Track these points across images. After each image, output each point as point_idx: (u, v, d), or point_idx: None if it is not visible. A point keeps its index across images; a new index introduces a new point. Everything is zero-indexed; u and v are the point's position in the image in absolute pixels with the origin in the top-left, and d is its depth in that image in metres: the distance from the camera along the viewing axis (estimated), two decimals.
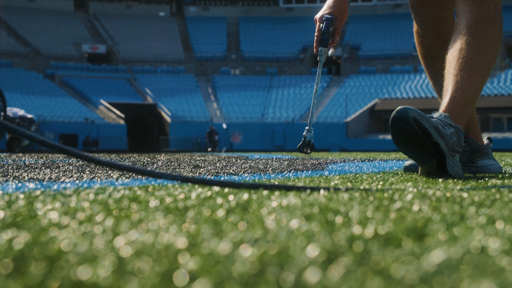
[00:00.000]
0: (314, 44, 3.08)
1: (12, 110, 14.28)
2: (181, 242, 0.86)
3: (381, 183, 2.26)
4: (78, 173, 2.81)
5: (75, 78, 49.10)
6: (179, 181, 2.01)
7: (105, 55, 55.83)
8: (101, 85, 48.45)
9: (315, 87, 3.11)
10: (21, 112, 14.49)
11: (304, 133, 3.02)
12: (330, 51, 3.12)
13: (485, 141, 3.17)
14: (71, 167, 3.45)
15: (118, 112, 42.52)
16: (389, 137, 3.21)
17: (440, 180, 2.45)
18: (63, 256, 0.77)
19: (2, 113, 13.27)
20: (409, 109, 2.49)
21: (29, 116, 14.67)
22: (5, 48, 49.89)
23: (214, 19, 62.40)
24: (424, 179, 2.48)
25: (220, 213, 1.20)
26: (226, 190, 1.76)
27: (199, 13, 63.20)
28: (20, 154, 9.47)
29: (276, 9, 62.51)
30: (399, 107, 2.55)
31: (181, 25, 61.79)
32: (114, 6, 61.79)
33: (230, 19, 62.96)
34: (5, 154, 9.67)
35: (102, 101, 44.56)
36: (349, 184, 2.19)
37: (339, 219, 1.11)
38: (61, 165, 3.89)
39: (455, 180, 2.43)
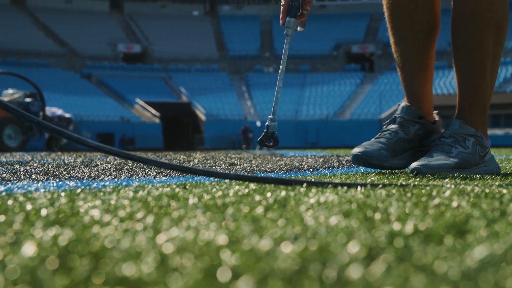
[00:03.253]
0: (281, 14, 2.70)
1: (50, 110, 14.48)
2: (222, 239, 0.87)
3: (417, 179, 2.24)
4: (116, 171, 2.84)
5: (111, 78, 49.56)
6: (217, 178, 2.02)
7: (140, 54, 56.27)
8: (136, 84, 48.83)
9: (280, 66, 2.67)
10: (59, 111, 14.68)
11: (266, 123, 2.68)
12: (299, 28, 2.75)
13: (436, 117, 3.01)
14: (109, 165, 3.48)
15: (153, 111, 42.81)
16: None
17: (477, 176, 2.43)
18: (107, 252, 0.78)
19: (42, 113, 13.47)
20: (356, 160, 2.75)
21: (67, 115, 14.86)
22: (43, 49, 50.57)
23: (247, 18, 62.47)
24: (461, 175, 2.45)
25: (259, 210, 1.21)
26: (264, 187, 1.76)
27: (232, 11, 63.33)
28: (59, 153, 9.60)
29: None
30: (351, 154, 2.74)
31: (214, 24, 61.99)
32: (148, 6, 62.23)
33: (263, 17, 62.98)
34: (44, 153, 9.80)
35: (137, 100, 44.91)
36: (385, 180, 2.18)
37: (378, 216, 1.11)
38: (99, 163, 3.93)
39: (493, 176, 2.40)
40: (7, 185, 2.08)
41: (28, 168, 3.38)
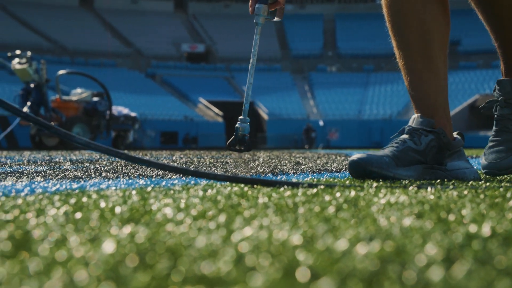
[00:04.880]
0: (250, 2, 2.49)
1: (117, 109, 14.75)
2: (296, 238, 0.87)
3: (488, 181, 2.19)
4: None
5: (175, 77, 50.13)
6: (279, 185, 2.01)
7: (204, 54, 56.75)
8: (199, 84, 49.26)
9: (250, 60, 2.44)
10: (125, 110, 14.95)
11: (236, 125, 2.36)
12: (276, 18, 2.52)
13: (456, 136, 2.53)
14: (175, 164, 3.53)
15: (216, 110, 43.13)
16: (490, 133, 2.62)
17: None
18: (184, 251, 0.79)
19: (108, 112, 13.73)
20: (352, 168, 2.31)
21: (133, 114, 15.11)
22: (109, 50, 51.56)
23: (310, 17, 62.29)
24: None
25: (330, 210, 1.21)
26: (332, 187, 1.76)
27: (295, 11, 63.24)
28: (125, 151, 9.76)
29: (373, 5, 61.74)
30: (349, 161, 2.35)
31: (277, 23, 61.98)
32: (212, 6, 62.76)
33: (326, 16, 62.69)
34: None
35: (201, 99, 45.31)
36: (454, 181, 2.14)
37: (451, 217, 1.09)
38: (165, 162, 3.98)
39: None
40: (80, 182, 2.13)
41: (97, 166, 3.46)
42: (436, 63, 2.48)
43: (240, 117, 2.32)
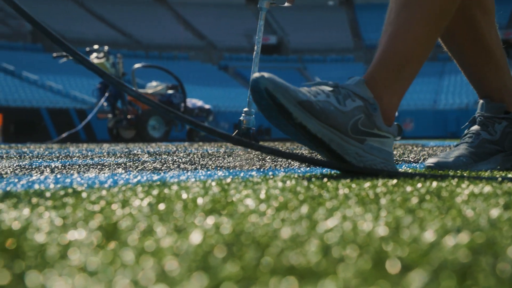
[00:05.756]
0: None
1: (191, 101, 14.92)
2: (382, 229, 0.86)
3: None
4: (260, 161, 2.88)
5: (248, 69, 50.32)
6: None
7: (276, 45, 56.76)
8: None
9: (255, 47, 2.23)
10: (199, 103, 15.10)
11: (241, 118, 2.15)
12: (286, 4, 2.35)
13: None
14: (251, 156, 3.54)
15: None
16: None
17: None
18: (270, 241, 0.79)
19: (183, 104, 13.92)
20: (262, 79, 1.86)
21: (207, 106, 15.26)
22: (183, 43, 52.20)
23: (383, 6, 61.22)
24: None
25: (414, 200, 1.19)
26: (413, 178, 1.73)
27: (368, 0, 62.50)
28: (200, 143, 9.87)
29: None
30: (254, 75, 1.92)
31: (349, 13, 61.47)
32: None
33: None
34: (187, 143, 10.13)
35: None
36: None
37: None
38: (241, 153, 4.01)
39: None
40: (160, 174, 2.16)
41: (175, 158, 3.51)
42: (487, 40, 2.38)
43: (245, 109, 2.15)
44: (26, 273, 0.63)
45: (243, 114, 2.15)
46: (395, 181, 1.63)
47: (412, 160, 3.11)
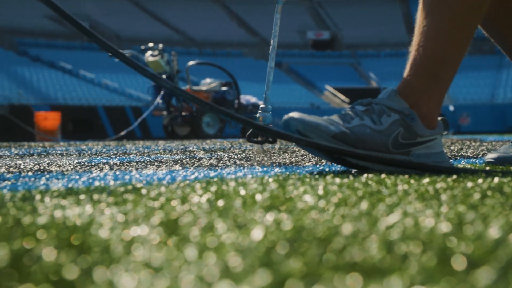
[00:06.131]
0: None
1: (245, 98, 14.97)
2: (444, 226, 0.85)
3: None
4: (316, 157, 2.87)
5: (301, 65, 50.23)
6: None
7: (329, 41, 56.48)
8: (325, 71, 49.09)
9: (271, 42, 2.18)
10: (253, 99, 15.14)
11: (257, 114, 2.09)
12: None
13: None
14: (306, 152, 3.53)
15: (342, 97, 42.85)
16: None
17: None
18: (332, 238, 0.79)
19: (237, 101, 13.97)
20: (292, 120, 1.89)
21: (261, 103, 15.26)
22: (236, 39, 52.38)
23: None
24: None
25: (476, 196, 1.17)
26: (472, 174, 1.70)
27: None
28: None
29: None
30: (284, 117, 1.93)
31: (403, 7, 60.69)
32: None
33: None
34: (241, 139, 10.17)
35: (327, 86, 45.17)
36: None
37: None
38: (296, 150, 4.00)
39: None
40: (217, 170, 2.18)
41: (230, 154, 3.53)
42: None
43: (261, 105, 2.11)
44: (93, 268, 0.64)
45: (259, 111, 2.10)
46: (454, 176, 1.61)
47: (470, 155, 3.05)
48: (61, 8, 2.04)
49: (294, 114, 1.90)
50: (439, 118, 2.05)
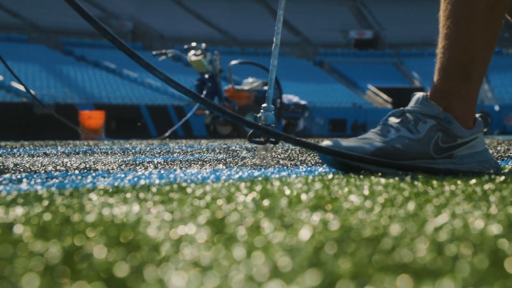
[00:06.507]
0: None
1: (287, 97, 14.95)
2: (495, 227, 0.84)
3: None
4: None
5: (343, 65, 49.98)
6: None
7: (372, 40, 56.10)
8: (368, 70, 48.78)
9: (274, 39, 2.16)
10: (295, 99, 15.11)
11: (258, 114, 2.04)
12: None
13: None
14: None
15: (385, 97, 42.53)
16: None
17: None
18: (380, 238, 0.78)
19: (279, 100, 13.97)
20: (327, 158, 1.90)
21: (303, 102, 15.25)
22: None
23: None
24: None
25: None
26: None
27: None
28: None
29: None
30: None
31: (438, 3, 60.00)
32: None
33: None
34: None
35: (369, 86, 44.87)
36: None
37: None
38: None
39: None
40: (260, 170, 2.18)
41: (273, 154, 3.53)
42: None
43: (264, 105, 2.05)
44: (143, 267, 0.65)
45: (261, 111, 2.06)
46: (503, 177, 1.58)
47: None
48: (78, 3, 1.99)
49: (328, 142, 1.90)
50: (477, 115, 2.02)
